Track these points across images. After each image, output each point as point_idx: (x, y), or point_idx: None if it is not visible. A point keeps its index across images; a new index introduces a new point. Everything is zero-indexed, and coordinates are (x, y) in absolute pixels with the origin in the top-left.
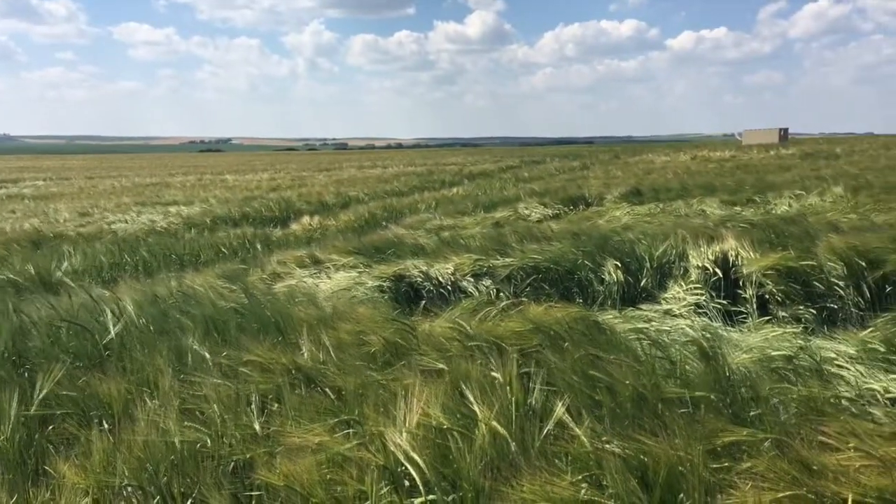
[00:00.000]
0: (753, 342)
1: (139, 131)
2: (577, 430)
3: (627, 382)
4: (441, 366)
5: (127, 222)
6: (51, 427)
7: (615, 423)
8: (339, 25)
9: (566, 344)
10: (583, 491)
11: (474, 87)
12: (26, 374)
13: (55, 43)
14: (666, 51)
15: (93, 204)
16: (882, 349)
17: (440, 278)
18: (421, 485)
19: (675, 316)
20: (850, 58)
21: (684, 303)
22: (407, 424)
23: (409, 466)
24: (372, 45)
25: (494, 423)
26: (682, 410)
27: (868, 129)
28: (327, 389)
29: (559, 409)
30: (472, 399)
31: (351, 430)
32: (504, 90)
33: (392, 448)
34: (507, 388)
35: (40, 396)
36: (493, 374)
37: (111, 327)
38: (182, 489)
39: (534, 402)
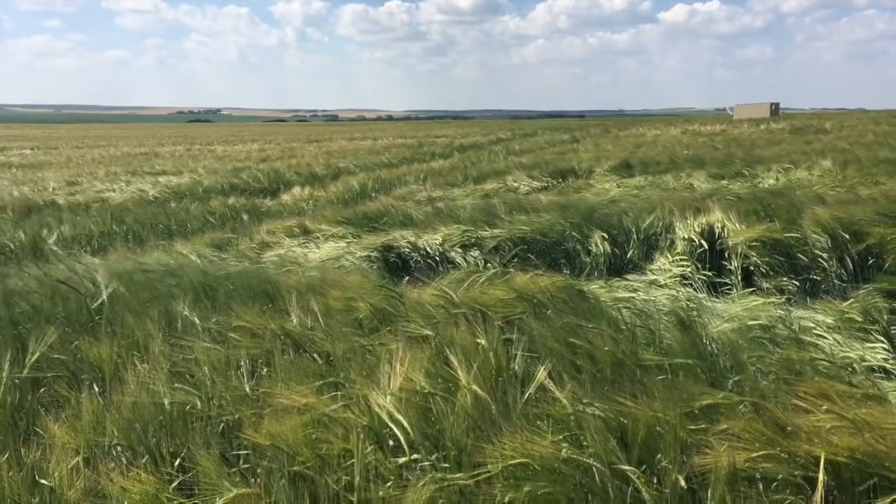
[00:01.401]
0: (735, 312)
1: (127, 101)
2: (557, 393)
3: (607, 349)
4: (427, 332)
5: (116, 191)
6: (42, 389)
7: (596, 388)
8: None
9: (549, 311)
10: (564, 450)
11: (466, 59)
12: (18, 339)
13: (42, 10)
14: (658, 24)
15: (82, 173)
16: (860, 319)
17: (428, 249)
18: (405, 445)
19: (660, 286)
20: (843, 33)
21: (670, 274)
22: (391, 387)
23: (393, 427)
24: (362, 16)
25: (475, 387)
26: (661, 377)
27: (859, 105)
28: (315, 354)
29: (541, 374)
30: (455, 364)
31: (338, 393)
32: (495, 62)
33: (376, 409)
34: (490, 353)
35: (32, 360)
36: (478, 339)
37: (102, 292)
38: (171, 449)
39: (516, 367)
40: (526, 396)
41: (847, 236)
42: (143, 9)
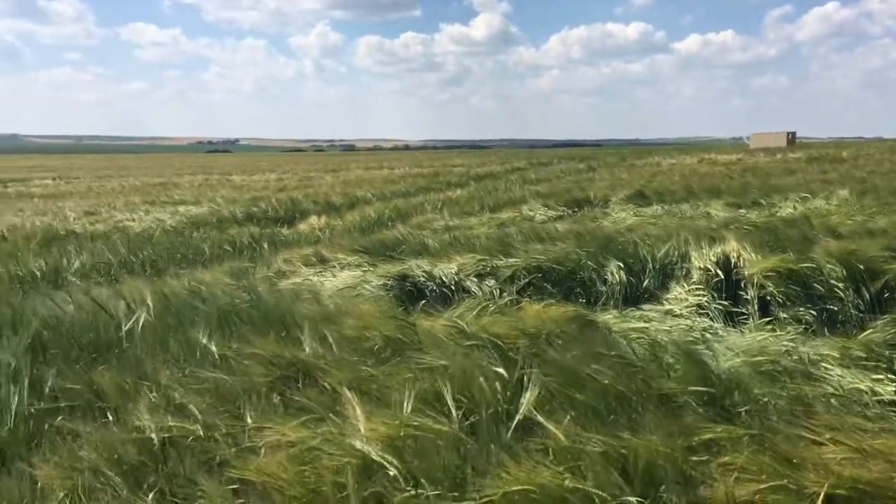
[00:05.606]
0: (747, 344)
1: (146, 132)
2: (554, 428)
3: (607, 382)
4: (440, 362)
5: (135, 221)
6: (59, 418)
7: (602, 420)
8: (344, 27)
9: (559, 342)
10: (566, 481)
11: (481, 89)
12: (43, 364)
13: (63, 43)
14: (672, 54)
15: (101, 203)
16: (878, 350)
17: (443, 278)
18: (401, 478)
19: (676, 316)
20: (858, 62)
21: (686, 303)
22: (401, 418)
23: (388, 458)
24: (378, 47)
25: (481, 417)
26: (667, 408)
27: (876, 134)
28: (326, 383)
29: (550, 404)
30: (464, 395)
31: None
32: (511, 92)
33: (368, 444)
34: (500, 383)
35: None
36: (491, 369)
37: (128, 322)
38: (167, 481)
39: (525, 399)
40: (535, 427)
41: (861, 267)
42: (162, 41)
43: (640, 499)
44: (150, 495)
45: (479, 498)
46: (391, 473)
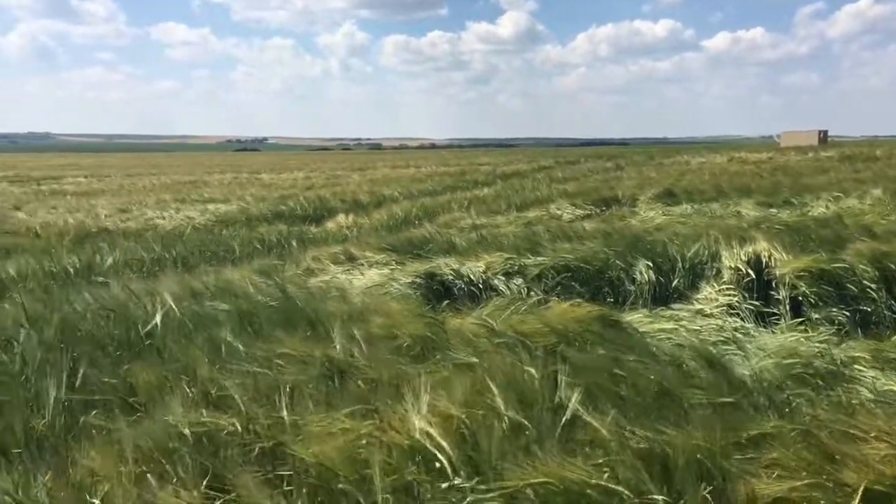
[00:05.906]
0: (779, 344)
1: (176, 130)
2: (595, 422)
3: (652, 378)
4: (472, 359)
5: (166, 219)
6: (93, 412)
7: (639, 417)
8: (371, 26)
9: (588, 342)
10: (605, 475)
11: (508, 88)
12: (70, 361)
13: (95, 43)
14: (701, 51)
15: (132, 201)
16: None
17: (471, 276)
18: (448, 466)
19: (706, 316)
20: (891, 59)
21: (716, 303)
22: (441, 413)
23: (439, 449)
24: (404, 46)
25: (515, 413)
26: (704, 410)
27: None
28: (359, 381)
29: (580, 401)
30: (497, 391)
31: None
32: (537, 90)
33: (419, 433)
34: (535, 382)
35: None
36: (519, 367)
37: (157, 317)
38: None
39: (560, 397)
40: (565, 422)
41: (893, 267)
42: (191, 41)
43: (666, 497)
44: (204, 483)
45: (498, 488)
46: (438, 465)
